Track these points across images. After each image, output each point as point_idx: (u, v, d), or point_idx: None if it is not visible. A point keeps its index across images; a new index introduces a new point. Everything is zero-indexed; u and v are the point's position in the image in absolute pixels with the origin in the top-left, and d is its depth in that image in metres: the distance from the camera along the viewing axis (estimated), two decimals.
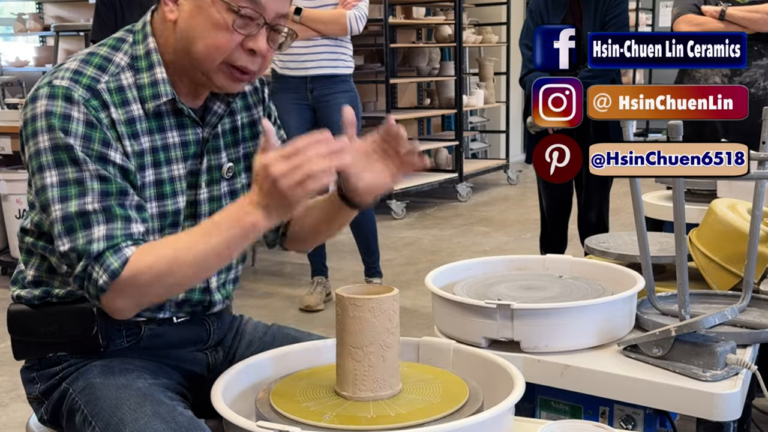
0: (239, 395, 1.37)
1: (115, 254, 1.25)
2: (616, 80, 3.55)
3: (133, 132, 1.33)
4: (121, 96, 1.33)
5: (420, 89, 8.02)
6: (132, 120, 1.34)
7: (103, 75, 1.32)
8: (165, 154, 1.38)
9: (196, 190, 1.42)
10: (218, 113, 1.44)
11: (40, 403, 1.44)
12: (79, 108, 1.28)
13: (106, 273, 1.24)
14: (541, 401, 1.66)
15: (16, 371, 1.50)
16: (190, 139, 1.40)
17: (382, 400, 1.28)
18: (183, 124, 1.40)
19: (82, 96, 1.28)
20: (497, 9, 7.95)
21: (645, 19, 9.82)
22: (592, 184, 3.65)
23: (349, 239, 5.41)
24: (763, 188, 1.72)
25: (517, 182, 7.59)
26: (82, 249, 1.25)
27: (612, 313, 1.64)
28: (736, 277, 1.89)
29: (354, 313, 1.25)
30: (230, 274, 1.51)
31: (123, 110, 1.33)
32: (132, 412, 1.26)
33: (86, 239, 1.25)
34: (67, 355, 1.40)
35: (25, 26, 7.85)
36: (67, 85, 1.28)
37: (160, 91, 1.35)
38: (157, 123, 1.37)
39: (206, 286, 1.45)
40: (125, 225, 1.28)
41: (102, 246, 1.25)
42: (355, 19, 3.74)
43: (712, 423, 1.46)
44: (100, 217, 1.26)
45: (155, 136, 1.36)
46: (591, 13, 3.48)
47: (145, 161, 1.35)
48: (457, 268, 1.95)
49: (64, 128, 1.26)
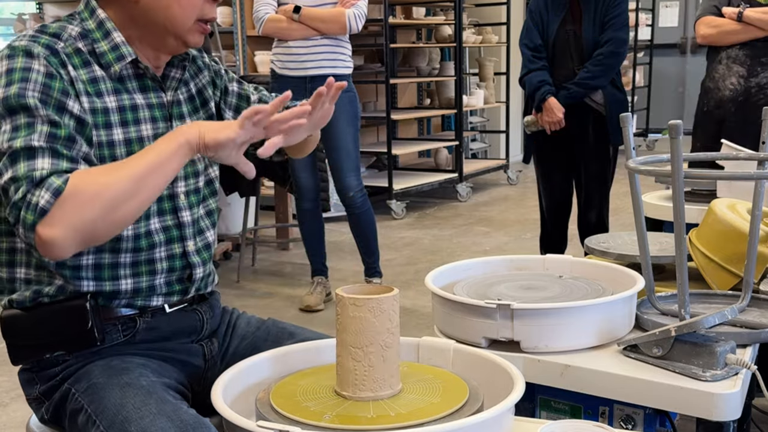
0: (239, 395, 1.37)
1: (58, 177, 1.24)
2: (616, 80, 3.56)
3: (96, 91, 1.37)
4: (81, 58, 1.38)
5: (420, 89, 8.02)
6: (95, 79, 1.38)
7: (58, 42, 1.37)
8: (133, 114, 1.42)
9: None
10: (177, 78, 1.50)
11: (40, 403, 1.44)
12: (39, 60, 1.32)
13: (48, 191, 1.21)
14: (541, 401, 1.66)
15: (16, 371, 1.50)
16: (153, 102, 1.46)
17: (382, 400, 1.28)
18: (146, 87, 1.45)
19: (42, 51, 1.33)
20: (497, 9, 7.95)
21: (645, 19, 9.81)
22: (591, 184, 3.65)
23: (349, 239, 5.41)
24: (763, 188, 1.72)
25: (517, 182, 7.59)
26: (22, 175, 1.23)
27: (612, 313, 1.64)
28: (736, 277, 1.89)
29: (354, 313, 1.25)
30: (203, 237, 1.55)
31: (84, 71, 1.37)
32: (136, 410, 1.26)
33: (28, 167, 1.24)
34: (65, 354, 1.40)
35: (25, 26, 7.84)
36: (25, 43, 1.33)
37: (123, 52, 1.41)
38: (122, 85, 1.41)
39: (183, 250, 1.49)
40: (71, 164, 1.28)
41: (45, 173, 1.24)
42: (355, 17, 3.74)
43: (712, 423, 1.46)
44: (46, 153, 1.27)
45: (122, 95, 1.41)
46: (591, 13, 3.48)
47: (112, 119, 1.39)
48: (457, 268, 1.95)
49: (24, 77, 1.29)
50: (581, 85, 3.47)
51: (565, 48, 3.53)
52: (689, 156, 1.65)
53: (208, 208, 1.58)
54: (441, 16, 7.49)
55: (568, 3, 3.53)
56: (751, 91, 3.12)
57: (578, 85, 3.47)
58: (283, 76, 3.82)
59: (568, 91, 3.48)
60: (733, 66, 3.15)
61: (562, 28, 3.53)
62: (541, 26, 3.55)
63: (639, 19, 9.43)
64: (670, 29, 10.41)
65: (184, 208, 1.50)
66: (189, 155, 1.31)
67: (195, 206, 1.53)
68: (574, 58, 3.52)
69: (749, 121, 3.12)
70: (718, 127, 3.18)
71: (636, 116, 9.64)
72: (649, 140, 9.68)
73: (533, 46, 3.56)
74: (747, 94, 3.12)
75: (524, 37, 3.62)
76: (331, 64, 3.78)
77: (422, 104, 7.92)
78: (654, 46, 9.93)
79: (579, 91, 3.48)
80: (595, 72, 3.46)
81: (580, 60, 3.51)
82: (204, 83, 1.59)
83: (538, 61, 3.54)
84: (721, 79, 3.19)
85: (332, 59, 3.79)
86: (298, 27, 3.75)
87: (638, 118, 9.81)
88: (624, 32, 3.48)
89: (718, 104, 3.17)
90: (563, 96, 3.49)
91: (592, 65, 3.45)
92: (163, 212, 1.48)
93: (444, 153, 7.35)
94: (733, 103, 3.11)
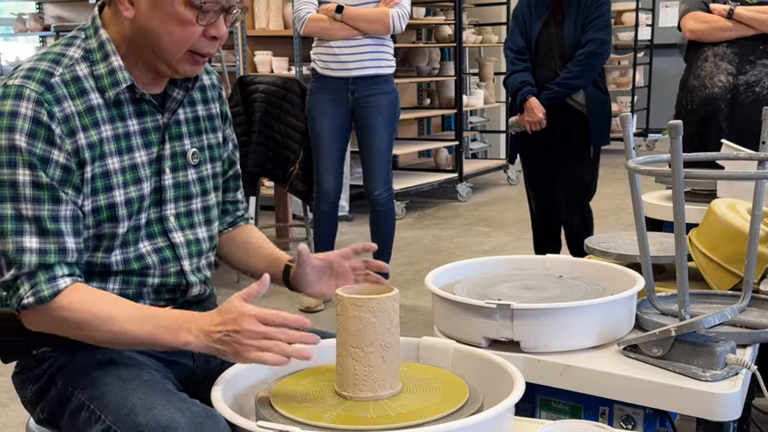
0: (239, 395, 1.37)
1: (48, 282, 1.28)
2: (599, 81, 3.57)
3: (93, 121, 1.36)
4: (78, 86, 1.36)
5: (420, 89, 8.02)
6: (91, 109, 1.36)
7: (57, 68, 1.35)
8: (126, 142, 1.40)
9: (160, 176, 1.45)
10: (177, 99, 1.47)
11: (34, 404, 1.44)
12: (27, 104, 1.30)
13: (34, 296, 1.28)
14: (541, 401, 1.66)
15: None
16: (149, 126, 1.44)
17: (382, 400, 1.28)
18: (142, 111, 1.43)
19: (34, 90, 1.31)
20: (497, 9, 7.95)
21: (645, 19, 9.81)
22: (574, 184, 3.65)
23: (349, 239, 5.41)
24: (763, 188, 1.72)
25: (517, 182, 7.58)
26: (12, 257, 1.28)
27: (612, 313, 1.64)
28: (736, 277, 1.89)
29: (354, 313, 1.25)
30: (202, 259, 1.54)
31: (81, 100, 1.36)
32: (143, 401, 1.25)
33: (16, 245, 1.28)
34: (51, 350, 1.40)
35: (25, 26, 7.85)
36: (19, 83, 1.31)
37: (119, 78, 1.38)
38: (117, 111, 1.40)
39: (180, 269, 1.48)
40: (58, 241, 1.30)
41: (35, 261, 1.28)
42: (398, 17, 3.71)
43: (712, 423, 1.46)
44: (32, 227, 1.29)
45: (117, 124, 1.39)
46: (573, 15, 3.50)
47: (107, 149, 1.38)
48: (457, 268, 1.95)
49: (11, 126, 1.28)
50: (562, 86, 3.50)
51: (547, 49, 3.55)
52: (689, 156, 1.65)
53: (211, 233, 1.55)
54: (441, 16, 7.49)
55: (550, 5, 3.54)
56: (739, 88, 3.11)
57: (559, 86, 3.49)
58: (324, 76, 3.79)
59: (550, 91, 3.51)
60: (721, 63, 3.14)
61: (545, 30, 3.55)
62: (524, 28, 3.58)
63: (639, 19, 9.43)
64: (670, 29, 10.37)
65: (175, 230, 1.48)
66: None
67: (187, 228, 1.50)
68: (556, 60, 3.54)
69: (738, 118, 3.12)
70: (702, 125, 3.17)
71: (636, 116, 9.64)
72: (649, 140, 9.68)
73: (516, 48, 3.59)
74: (736, 91, 3.12)
75: (508, 40, 3.68)
76: (375, 64, 3.75)
77: (422, 104, 7.91)
78: (654, 46, 9.94)
79: (560, 92, 3.50)
80: (576, 72, 3.48)
81: (562, 61, 3.53)
82: (215, 113, 1.57)
83: (520, 63, 3.58)
84: (708, 77, 3.18)
85: (376, 59, 3.76)
86: (341, 27, 3.71)
87: (638, 118, 9.81)
88: (605, 33, 3.50)
89: (705, 102, 3.16)
90: (545, 96, 3.51)
91: (572, 65, 3.48)
92: (153, 235, 1.46)
93: (444, 153, 7.35)
94: (722, 100, 3.10)
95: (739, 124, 3.10)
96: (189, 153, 1.49)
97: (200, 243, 1.52)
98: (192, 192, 1.50)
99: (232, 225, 1.66)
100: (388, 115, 3.81)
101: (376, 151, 3.84)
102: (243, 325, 1.24)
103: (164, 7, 1.33)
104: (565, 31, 3.50)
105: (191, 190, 1.50)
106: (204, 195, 1.53)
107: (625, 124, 1.68)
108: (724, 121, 3.12)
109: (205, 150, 1.53)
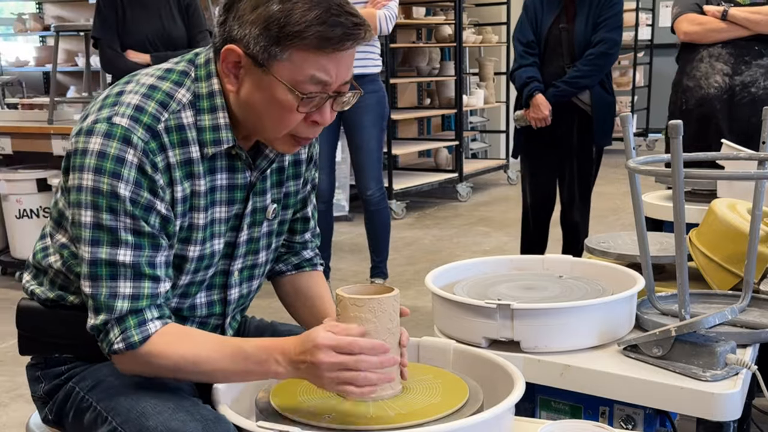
0: (239, 395, 1.37)
1: (138, 327, 1.26)
2: (606, 82, 3.57)
3: (188, 173, 1.31)
4: (180, 136, 1.30)
5: (420, 89, 8.02)
6: (189, 161, 1.31)
7: (164, 113, 1.29)
8: (212, 196, 1.36)
9: (237, 232, 1.42)
10: (270, 158, 1.41)
11: (44, 402, 1.44)
12: (135, 152, 1.25)
13: (124, 342, 1.25)
14: (541, 401, 1.66)
15: (17, 371, 1.50)
16: (238, 183, 1.39)
17: (382, 400, 1.28)
18: (234, 168, 1.37)
19: (141, 138, 1.25)
20: (497, 9, 7.95)
21: (645, 19, 9.81)
22: (574, 183, 3.66)
23: (349, 239, 5.42)
24: (763, 188, 1.72)
25: (517, 182, 7.58)
26: (104, 302, 1.25)
27: (612, 313, 1.64)
28: (736, 277, 1.89)
29: (354, 313, 1.25)
30: (243, 309, 1.53)
31: (180, 150, 1.30)
32: (153, 405, 1.25)
33: (109, 291, 1.25)
34: (73, 357, 1.40)
35: (25, 26, 7.85)
36: (126, 125, 1.25)
37: (222, 137, 1.33)
38: (211, 165, 1.35)
39: (221, 322, 1.47)
40: (152, 285, 1.27)
41: (126, 306, 1.25)
42: (386, 18, 3.74)
43: (712, 423, 1.46)
44: (128, 272, 1.26)
45: (208, 178, 1.34)
46: (585, 12, 3.49)
47: (195, 203, 1.33)
48: (457, 268, 1.95)
49: (116, 172, 1.24)
50: (570, 84, 3.49)
51: (556, 45, 3.55)
52: (689, 156, 1.65)
53: (251, 288, 1.52)
54: (441, 15, 7.49)
55: (563, 0, 3.54)
56: (735, 89, 3.12)
57: (567, 84, 3.49)
58: None
59: (557, 89, 3.51)
60: (717, 64, 3.14)
61: (556, 26, 3.54)
62: (534, 22, 3.57)
63: (639, 19, 9.43)
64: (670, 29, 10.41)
65: (234, 285, 1.45)
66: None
67: (245, 281, 1.48)
68: (565, 56, 3.54)
69: (734, 118, 3.13)
70: (698, 126, 3.17)
71: (636, 116, 9.64)
72: (649, 140, 9.68)
73: (525, 41, 3.58)
74: (731, 92, 3.12)
75: (518, 32, 3.65)
76: (361, 64, 3.74)
77: (422, 104, 7.91)
78: (654, 46, 9.94)
79: (568, 90, 3.50)
80: (585, 71, 3.47)
81: (570, 58, 3.53)
82: (303, 158, 1.51)
83: (529, 57, 3.57)
84: (704, 77, 3.18)
85: (362, 59, 3.74)
86: None
87: (638, 118, 9.81)
88: (616, 34, 3.49)
89: (700, 102, 3.16)
90: (552, 94, 3.51)
91: (582, 64, 3.47)
92: (212, 287, 1.43)
93: (444, 153, 7.35)
94: (717, 100, 3.11)
95: (737, 124, 3.10)
96: (269, 209, 1.45)
97: (249, 296, 1.50)
98: (261, 246, 1.47)
99: (297, 268, 1.61)
100: (376, 114, 3.83)
101: (366, 151, 3.86)
102: (318, 357, 1.19)
103: (267, 90, 1.27)
104: (576, 27, 3.49)
105: (261, 244, 1.47)
106: (268, 248, 1.49)
107: (625, 123, 1.68)
108: (722, 122, 3.13)
109: (281, 200, 1.48)
